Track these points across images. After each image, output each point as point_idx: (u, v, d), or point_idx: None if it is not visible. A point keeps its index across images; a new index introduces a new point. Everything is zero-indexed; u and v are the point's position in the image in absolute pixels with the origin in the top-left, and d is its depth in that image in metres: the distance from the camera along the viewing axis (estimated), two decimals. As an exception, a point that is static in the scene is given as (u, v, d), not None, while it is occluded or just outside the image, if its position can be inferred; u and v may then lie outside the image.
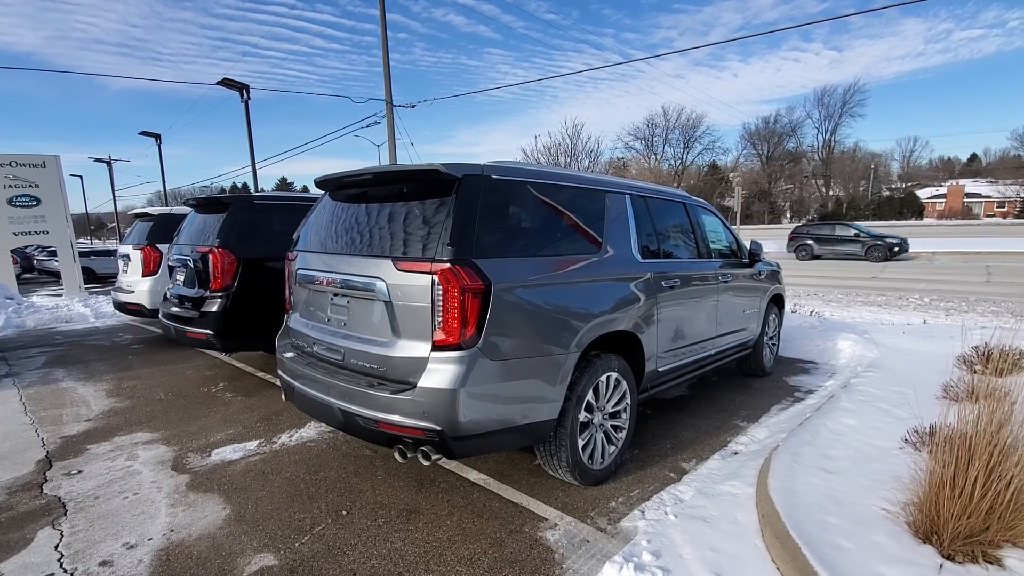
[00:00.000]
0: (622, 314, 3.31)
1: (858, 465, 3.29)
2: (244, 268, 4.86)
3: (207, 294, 4.88)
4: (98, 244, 44.72)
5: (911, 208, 57.40)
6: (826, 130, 65.92)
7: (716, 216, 5.02)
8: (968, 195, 62.93)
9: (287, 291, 3.60)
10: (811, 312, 9.06)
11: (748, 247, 5.22)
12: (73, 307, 10.83)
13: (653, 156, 59.61)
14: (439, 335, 2.51)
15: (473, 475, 3.37)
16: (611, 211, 3.50)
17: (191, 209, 5.87)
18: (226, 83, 17.73)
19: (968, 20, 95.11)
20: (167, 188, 29.81)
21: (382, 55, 17.04)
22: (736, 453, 3.77)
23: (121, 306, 7.46)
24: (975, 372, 5.15)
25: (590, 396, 3.13)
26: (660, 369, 3.81)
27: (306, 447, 3.83)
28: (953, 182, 67.25)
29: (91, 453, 3.75)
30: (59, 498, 3.12)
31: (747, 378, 5.66)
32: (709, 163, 61.58)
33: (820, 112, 65.47)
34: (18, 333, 8.59)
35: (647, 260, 3.67)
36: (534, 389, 2.78)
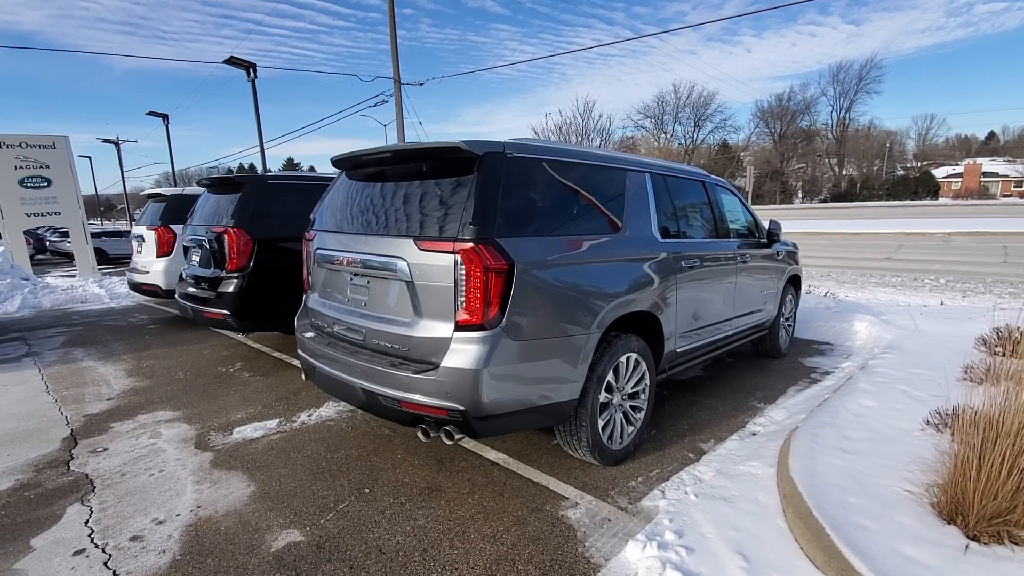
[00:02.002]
0: (642, 294, 3.28)
1: (879, 446, 3.27)
2: (259, 248, 4.86)
3: (223, 274, 4.89)
4: (108, 225, 45.03)
5: (926, 188, 56.43)
6: (841, 107, 64.63)
7: (735, 195, 4.94)
8: (985, 174, 61.71)
9: (305, 271, 3.60)
10: (825, 293, 8.98)
11: (767, 227, 5.15)
12: (88, 288, 10.94)
13: (663, 135, 58.84)
14: (462, 315, 2.50)
15: (492, 454, 3.39)
16: (631, 190, 3.44)
17: (204, 189, 5.86)
18: (233, 61, 17.58)
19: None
20: (175, 169, 29.82)
21: (389, 32, 16.79)
22: (754, 434, 3.76)
23: (136, 286, 7.52)
24: (995, 354, 5.09)
25: (610, 376, 3.12)
26: (678, 350, 3.79)
27: (325, 426, 3.87)
28: (970, 161, 65.93)
29: (115, 431, 3.80)
30: (86, 475, 3.17)
31: (762, 359, 5.63)
32: (720, 142, 60.68)
33: (835, 89, 64.14)
34: (35, 313, 8.70)
35: (667, 240, 3.63)
36: (556, 369, 2.77)
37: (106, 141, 32.52)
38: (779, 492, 2.89)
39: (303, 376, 3.51)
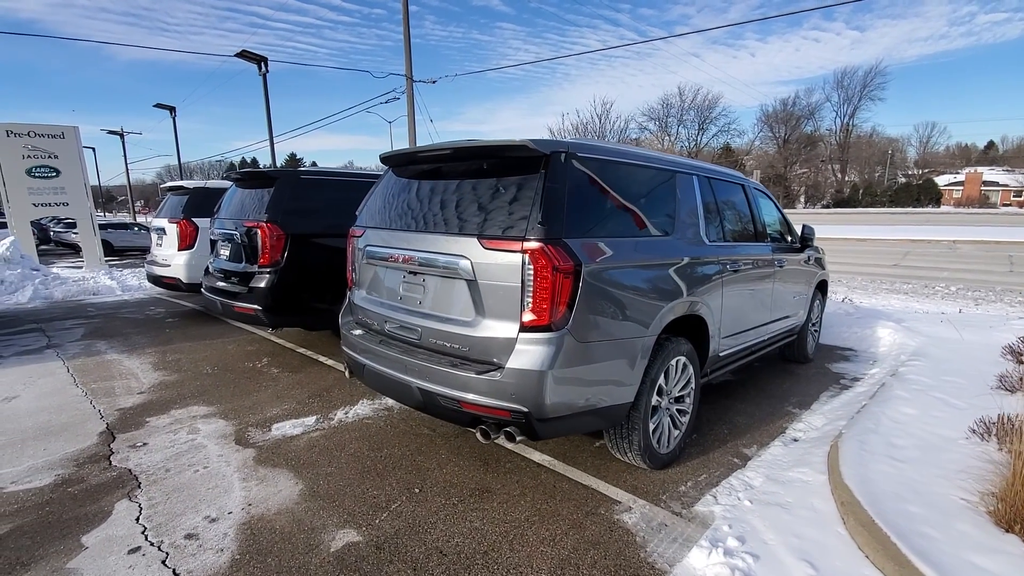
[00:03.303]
0: (693, 298, 3.26)
1: (926, 454, 3.26)
2: (292, 244, 4.82)
3: (256, 269, 4.85)
4: (109, 217, 44.83)
5: (928, 195, 56.59)
6: (844, 113, 64.81)
7: (771, 199, 4.92)
8: (985, 183, 61.95)
9: (349, 267, 3.57)
10: (843, 299, 8.97)
11: (800, 231, 5.14)
12: (99, 279, 10.87)
13: (667, 137, 58.88)
14: (528, 316, 2.47)
15: (537, 456, 3.37)
16: (681, 192, 3.42)
17: (232, 183, 5.82)
18: (244, 55, 17.49)
19: (993, 3, 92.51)
20: (175, 161, 29.67)
21: (403, 29, 16.74)
22: (796, 440, 3.75)
23: (156, 279, 7.46)
24: (1023, 362, 5.10)
25: (661, 380, 3.10)
26: (721, 353, 3.78)
27: (363, 424, 3.84)
28: (971, 169, 66.13)
29: (151, 426, 3.77)
30: (129, 470, 3.13)
31: (789, 364, 5.62)
32: (723, 145, 60.78)
33: (839, 95, 64.32)
34: (47, 305, 8.63)
35: (713, 243, 3.61)
36: (615, 372, 2.75)
37: (111, 132, 32.37)
38: (835, 499, 2.87)
39: (347, 374, 3.48)
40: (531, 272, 2.44)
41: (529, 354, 2.46)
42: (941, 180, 63.81)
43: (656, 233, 3.12)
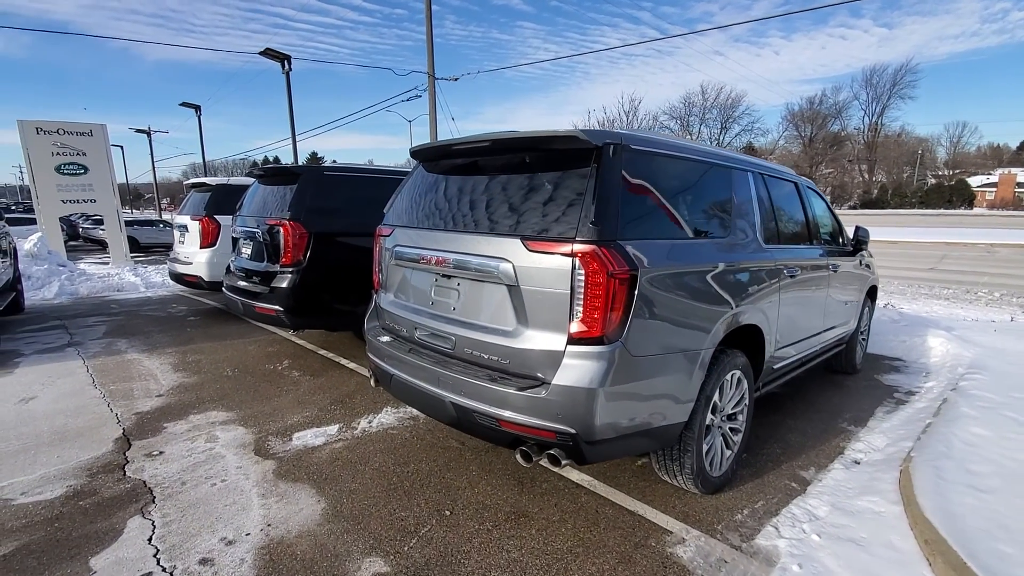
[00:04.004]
0: (751, 306, 2.98)
1: (1010, 483, 2.93)
2: (315, 243, 4.63)
3: (277, 269, 4.67)
4: (137, 214, 45.65)
5: (961, 196, 54.76)
6: (873, 112, 63.11)
7: (822, 198, 4.59)
8: (1020, 185, 59.77)
9: (376, 269, 3.35)
10: (885, 304, 8.53)
11: (853, 233, 4.79)
12: (124, 276, 10.90)
13: (688, 136, 57.98)
14: (578, 326, 2.21)
15: (576, 476, 3.11)
16: (737, 190, 3.13)
17: (254, 180, 5.66)
18: (268, 54, 17.51)
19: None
20: (200, 159, 29.99)
21: (426, 27, 16.60)
22: (857, 462, 3.43)
23: (178, 277, 7.37)
24: (1099, 379, 4.69)
25: (716, 396, 2.82)
26: (774, 366, 3.48)
27: (388, 435, 3.62)
28: (1004, 171, 63.83)
29: (169, 432, 3.60)
30: (144, 482, 2.95)
31: (836, 375, 5.27)
32: (746, 144, 59.63)
33: (868, 93, 62.66)
34: (73, 301, 8.63)
35: (769, 246, 3.31)
36: (670, 389, 2.48)
37: (138, 131, 32.87)
38: (916, 536, 2.56)
39: (372, 382, 3.27)
40: (582, 277, 2.18)
41: (578, 369, 2.20)
42: (973, 181, 61.75)
43: (713, 235, 2.84)
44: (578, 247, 2.18)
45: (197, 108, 27.12)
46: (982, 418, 3.82)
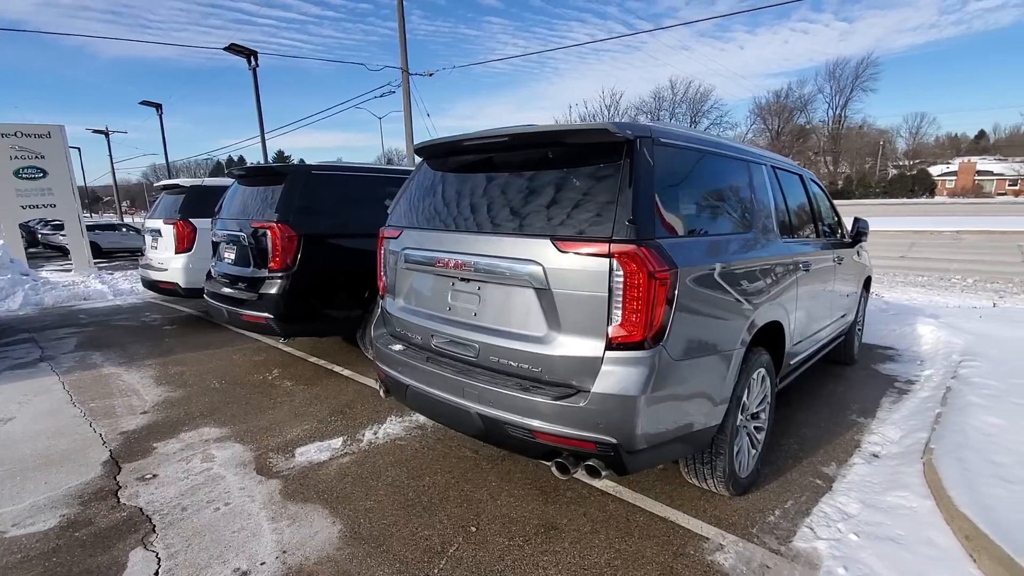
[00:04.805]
0: (775, 302, 2.91)
1: (1035, 473, 2.93)
2: (305, 245, 4.40)
3: (266, 274, 4.43)
4: (96, 218, 43.86)
5: (923, 186, 56.70)
6: (837, 105, 64.77)
7: (823, 190, 4.58)
8: (979, 172, 62.17)
9: (380, 273, 3.17)
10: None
11: (852, 224, 4.79)
12: (90, 284, 10.37)
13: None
14: (617, 330, 2.09)
15: (599, 483, 2.99)
16: (756, 184, 3.06)
17: (234, 180, 5.38)
18: (233, 49, 16.93)
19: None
20: (160, 160, 28.92)
21: (398, 21, 16.28)
22: (876, 456, 3.40)
23: (151, 284, 7.00)
24: (1090, 362, 4.80)
25: (744, 396, 2.74)
26: (791, 361, 3.43)
27: (397, 446, 3.45)
28: (964, 159, 66.31)
29: (160, 453, 3.36)
30: (141, 509, 2.73)
31: (835, 366, 5.28)
32: (716, 138, 60.34)
33: (831, 86, 64.27)
34: (39, 311, 8.15)
35: (786, 240, 3.25)
36: (707, 391, 2.39)
37: (96, 132, 31.49)
38: (954, 531, 2.53)
39: (382, 393, 3.09)
40: (620, 279, 2.06)
41: (619, 376, 2.08)
42: (934, 170, 64.00)
43: (738, 230, 2.76)
44: (616, 247, 2.06)
45: (158, 107, 26.14)
46: (991, 406, 3.85)
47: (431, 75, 17.08)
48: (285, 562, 2.32)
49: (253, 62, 17.30)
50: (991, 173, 62.58)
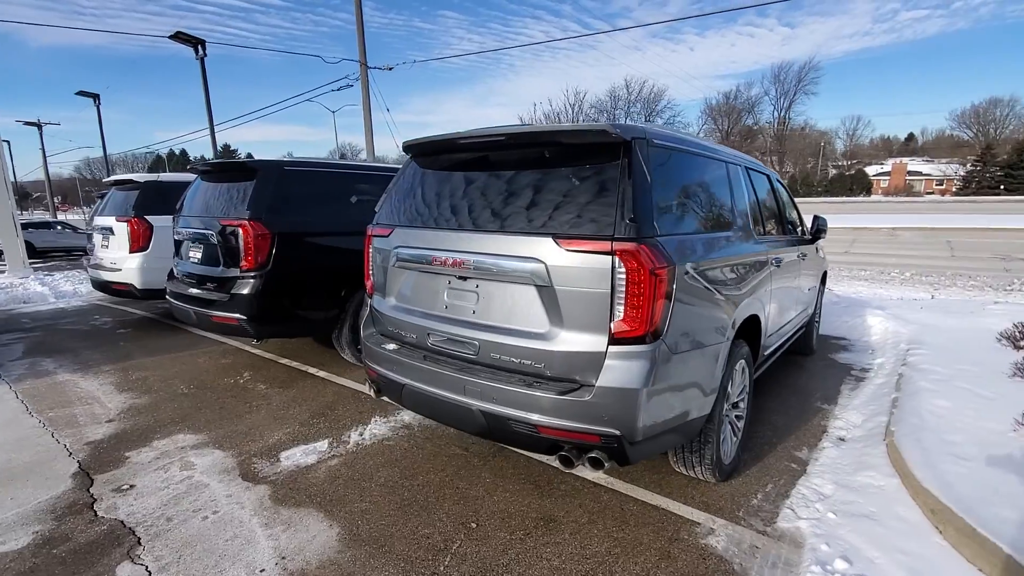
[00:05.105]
0: (754, 297, 3.06)
1: (986, 450, 3.18)
2: (279, 244, 4.28)
3: (237, 274, 4.28)
4: (27, 215, 40.89)
5: (860, 185, 60.12)
6: (782, 107, 67.69)
7: (787, 190, 4.81)
8: (910, 173, 66.41)
9: (368, 271, 3.13)
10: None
11: (812, 222, 5.06)
12: (29, 286, 9.72)
13: (616, 130, 59.53)
14: (620, 326, 2.15)
15: (590, 475, 3.07)
16: (735, 184, 3.20)
17: (196, 176, 5.17)
18: (180, 37, 16.13)
19: (915, 0, 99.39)
20: (95, 154, 27.26)
21: (356, 12, 15.91)
22: (843, 439, 3.62)
23: (103, 285, 6.62)
24: (1021, 349, 5.25)
25: (728, 386, 2.87)
26: (765, 353, 3.61)
27: (385, 447, 3.42)
28: (896, 160, 70.68)
29: (134, 462, 3.21)
30: (122, 522, 2.60)
31: (795, 356, 5.56)
32: (670, 138, 61.93)
33: (776, 89, 67.09)
34: (-29, 317, 7.57)
35: (760, 238, 3.42)
36: (699, 383, 2.49)
37: (28, 123, 29.34)
38: (919, 506, 2.73)
39: (373, 393, 3.06)
40: (623, 276, 2.12)
41: (622, 370, 2.15)
42: (870, 170, 67.95)
43: (722, 228, 2.88)
44: (618, 245, 2.12)
45: (96, 97, 24.62)
46: (939, 391, 4.15)
47: (391, 69, 16.79)
48: (286, 568, 2.28)
49: (200, 51, 16.55)
50: (920, 174, 67.04)
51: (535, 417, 2.24)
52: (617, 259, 2.12)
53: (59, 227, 21.01)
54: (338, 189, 4.81)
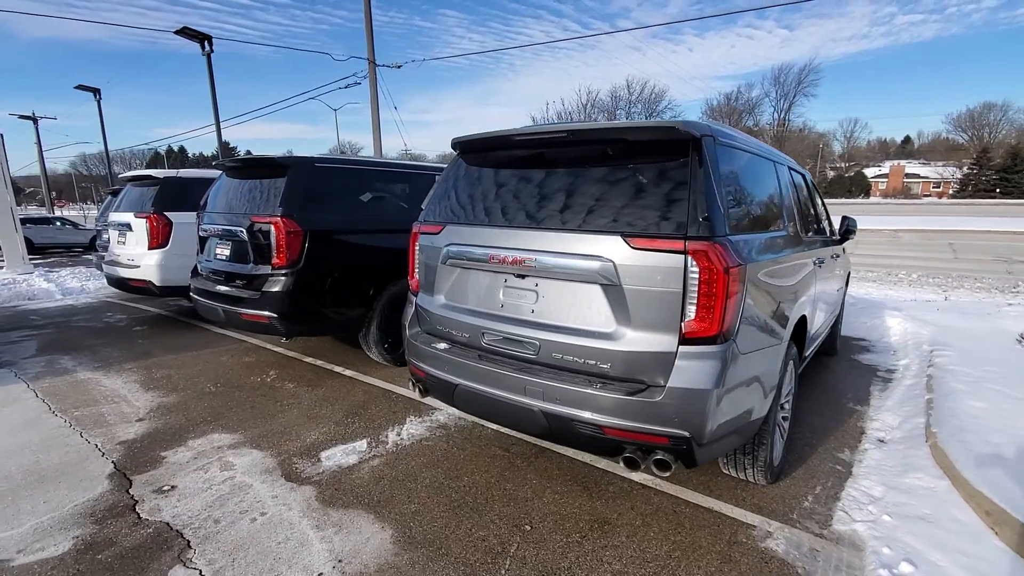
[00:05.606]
0: (805, 297, 3.03)
1: (1026, 451, 3.18)
2: (311, 241, 4.22)
3: (269, 271, 4.22)
4: (23, 211, 40.50)
5: (859, 187, 60.42)
6: (781, 109, 67.84)
7: (818, 190, 4.79)
8: (907, 175, 66.81)
9: (413, 269, 3.09)
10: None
11: (840, 222, 5.04)
12: (34, 282, 9.61)
13: (615, 130, 59.54)
14: (691, 325, 2.12)
15: (637, 476, 3.03)
16: (784, 184, 3.18)
17: (221, 172, 5.10)
18: (186, 33, 16.01)
19: (911, 4, 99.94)
20: (92, 149, 27.03)
21: (364, 10, 15.82)
22: (882, 441, 3.60)
23: (120, 282, 6.54)
24: (1044, 349, 5.26)
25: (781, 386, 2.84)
26: (806, 353, 3.58)
27: (425, 447, 3.38)
28: (895, 163, 71.09)
29: (171, 463, 3.15)
30: (168, 524, 2.55)
31: (821, 356, 5.55)
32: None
33: (776, 90, 67.22)
34: (-21, 313, 7.47)
35: (806, 238, 3.39)
36: (763, 383, 2.47)
37: (23, 117, 29.03)
38: (973, 508, 2.71)
39: (418, 393, 3.02)
40: (695, 275, 2.09)
41: (693, 370, 2.12)
42: (867, 172, 68.28)
43: (778, 228, 2.86)
44: (691, 244, 2.09)
45: (96, 92, 24.40)
46: (972, 391, 4.15)
47: (399, 67, 16.71)
48: (344, 571, 2.24)
49: (207, 47, 16.45)
50: (918, 176, 67.46)
51: (601, 418, 2.20)
52: (690, 258, 2.09)
53: (58, 223, 20.81)
54: (368, 186, 4.76)
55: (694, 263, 2.08)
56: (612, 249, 2.22)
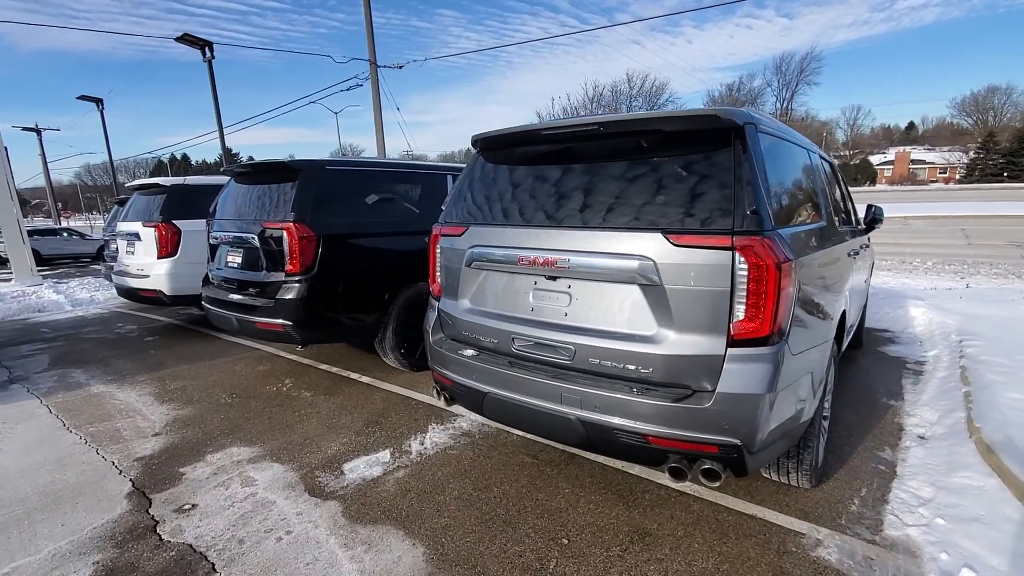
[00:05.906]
0: (846, 290, 2.90)
1: (1077, 446, 3.04)
2: (325, 246, 4.12)
3: (282, 278, 4.12)
4: (28, 223, 40.70)
5: (865, 174, 59.90)
6: (784, 98, 67.32)
7: (843, 177, 4.65)
8: (913, 162, 66.18)
9: (434, 273, 2.98)
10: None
11: (866, 211, 4.90)
12: (43, 294, 9.57)
13: (617, 124, 59.19)
14: (741, 326, 2.00)
15: (668, 481, 2.91)
16: (817, 173, 3.05)
17: (230, 178, 5.00)
18: (186, 39, 15.97)
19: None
20: (96, 160, 27.08)
21: (364, 12, 15.71)
22: (923, 437, 3.47)
23: (129, 293, 6.46)
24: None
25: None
26: (842, 348, 3.45)
27: (450, 456, 3.27)
28: (900, 149, 70.41)
29: (191, 479, 3.06)
30: (190, 546, 2.45)
31: (847, 349, 5.41)
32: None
33: (779, 80, 66.70)
34: (-10, 327, 7.42)
35: (841, 228, 3.26)
36: (813, 383, 2.35)
37: (26, 129, 29.10)
38: (1030, 509, 2.58)
39: (443, 402, 2.92)
40: (744, 272, 1.97)
41: (744, 374, 2.00)
42: (873, 160, 67.71)
43: (817, 220, 2.73)
44: (739, 239, 1.96)
45: (99, 102, 24.46)
46: (1009, 383, 4.00)
47: (401, 67, 16.60)
48: (379, 593, 2.13)
49: (208, 54, 16.39)
50: (923, 162, 66.79)
51: (645, 426, 2.09)
52: (738, 254, 1.97)
53: (65, 234, 20.84)
54: (381, 188, 4.65)
55: (742, 259, 1.96)
56: (652, 247, 2.10)
